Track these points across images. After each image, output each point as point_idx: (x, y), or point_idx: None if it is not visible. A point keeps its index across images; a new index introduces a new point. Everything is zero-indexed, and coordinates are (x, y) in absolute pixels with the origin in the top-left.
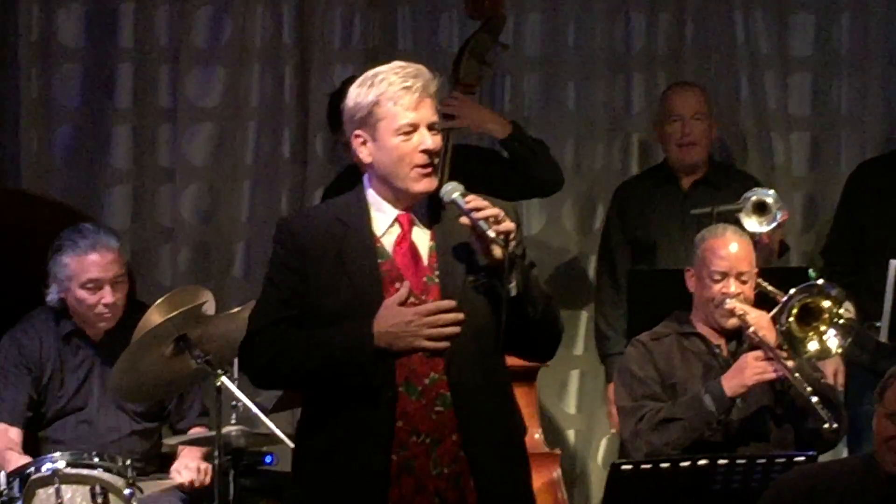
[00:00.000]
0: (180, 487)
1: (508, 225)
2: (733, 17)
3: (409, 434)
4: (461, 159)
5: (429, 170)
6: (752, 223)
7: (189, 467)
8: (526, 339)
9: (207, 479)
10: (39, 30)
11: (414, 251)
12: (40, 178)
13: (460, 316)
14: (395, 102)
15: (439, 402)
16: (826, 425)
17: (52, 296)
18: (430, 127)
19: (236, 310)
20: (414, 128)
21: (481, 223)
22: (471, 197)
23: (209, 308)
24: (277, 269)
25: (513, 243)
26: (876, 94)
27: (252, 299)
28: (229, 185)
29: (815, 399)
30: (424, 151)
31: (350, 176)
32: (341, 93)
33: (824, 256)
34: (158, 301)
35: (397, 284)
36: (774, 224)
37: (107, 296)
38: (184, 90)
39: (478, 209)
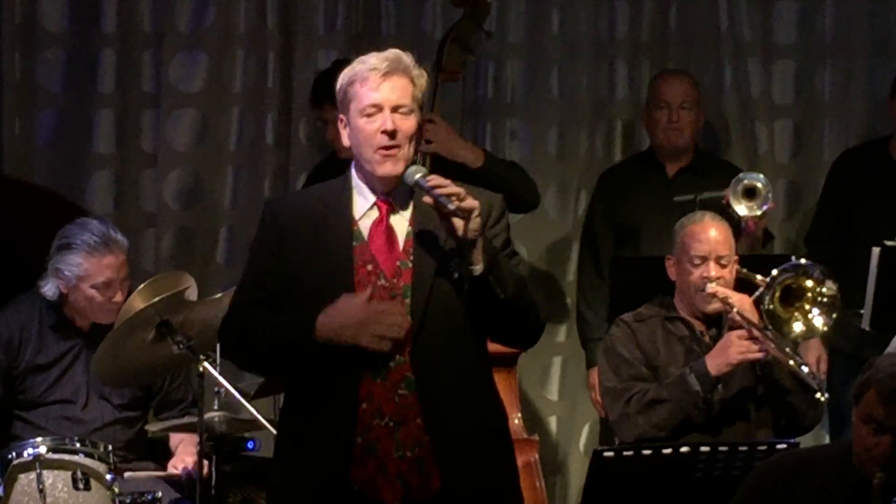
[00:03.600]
0: (177, 479)
1: (470, 203)
2: (717, 4)
3: (372, 416)
4: (439, 168)
5: (391, 151)
6: (742, 208)
7: (186, 461)
8: (498, 322)
9: (205, 472)
10: (22, 14)
11: (390, 235)
12: (23, 163)
13: (406, 321)
14: (363, 84)
15: (403, 384)
16: (818, 394)
17: (52, 290)
18: (396, 109)
19: (219, 295)
20: (377, 108)
21: (441, 198)
22: (432, 176)
23: (192, 294)
24: (257, 249)
25: (476, 220)
26: (859, 82)
27: (234, 285)
28: (212, 171)
29: (805, 369)
30: (384, 132)
31: (333, 161)
32: (331, 71)
33: (808, 244)
34: (141, 286)
35: (369, 267)
36: (765, 208)
37: (117, 295)
38: (167, 75)
39: (439, 186)
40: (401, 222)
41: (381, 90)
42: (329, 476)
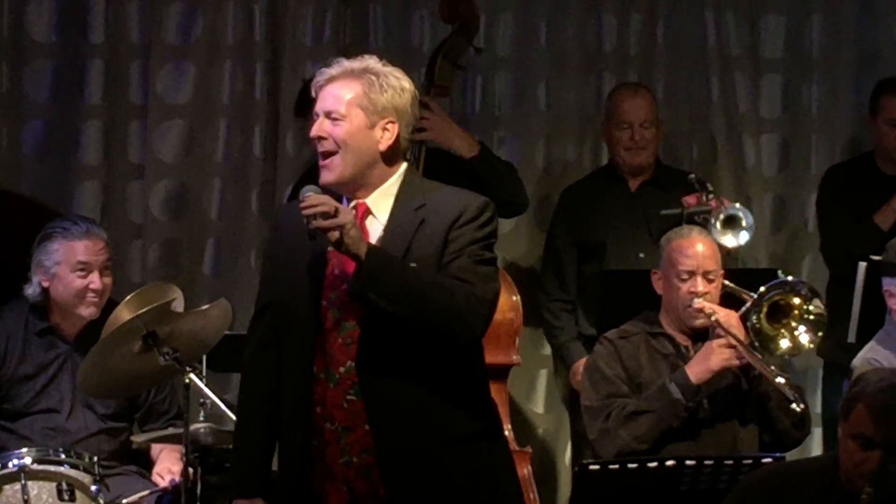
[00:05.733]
0: (163, 491)
1: (337, 220)
2: (704, 18)
3: (325, 420)
4: (431, 162)
5: (325, 161)
6: (729, 238)
7: (171, 471)
8: (417, 327)
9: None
10: (9, 24)
11: None
12: (10, 174)
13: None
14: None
15: (353, 390)
16: (794, 405)
17: (34, 288)
18: (328, 115)
19: (205, 307)
20: (317, 116)
21: (308, 218)
22: (310, 196)
23: (178, 305)
24: (263, 258)
25: (351, 234)
26: (846, 97)
27: (222, 296)
28: (199, 182)
29: (780, 380)
30: (312, 138)
31: (316, 170)
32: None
33: (826, 259)
34: (127, 298)
35: (336, 271)
36: (750, 235)
37: (95, 281)
38: (155, 87)
39: (309, 206)
40: (376, 226)
41: (319, 98)
42: (289, 481)
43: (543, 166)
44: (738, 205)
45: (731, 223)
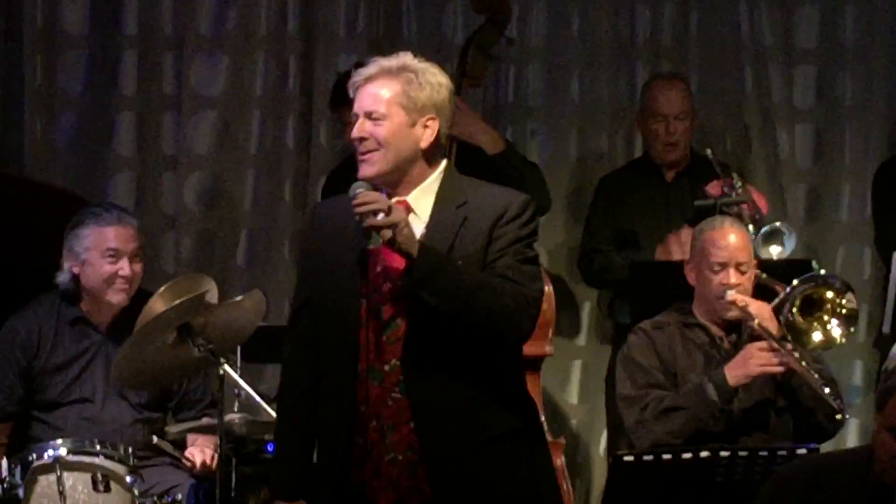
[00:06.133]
0: (192, 468)
1: (391, 219)
2: (738, 9)
3: (370, 419)
4: (461, 157)
5: (365, 156)
6: (772, 249)
7: (204, 451)
8: (465, 326)
9: (214, 464)
10: (43, 17)
11: None
12: (44, 166)
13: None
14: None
15: (398, 388)
16: (838, 416)
17: (65, 275)
18: (368, 115)
19: (239, 298)
20: (356, 117)
21: (361, 216)
22: (362, 193)
23: (212, 296)
24: (300, 255)
25: (404, 232)
26: (880, 87)
27: (255, 287)
28: (233, 174)
29: (827, 390)
30: (354, 139)
31: (352, 163)
32: (350, 74)
33: (877, 245)
34: (161, 289)
35: (378, 268)
36: (793, 246)
37: (125, 267)
38: (188, 78)
39: (361, 203)
40: (417, 224)
41: (357, 98)
42: (329, 477)
43: (576, 157)
44: (779, 223)
45: (773, 237)
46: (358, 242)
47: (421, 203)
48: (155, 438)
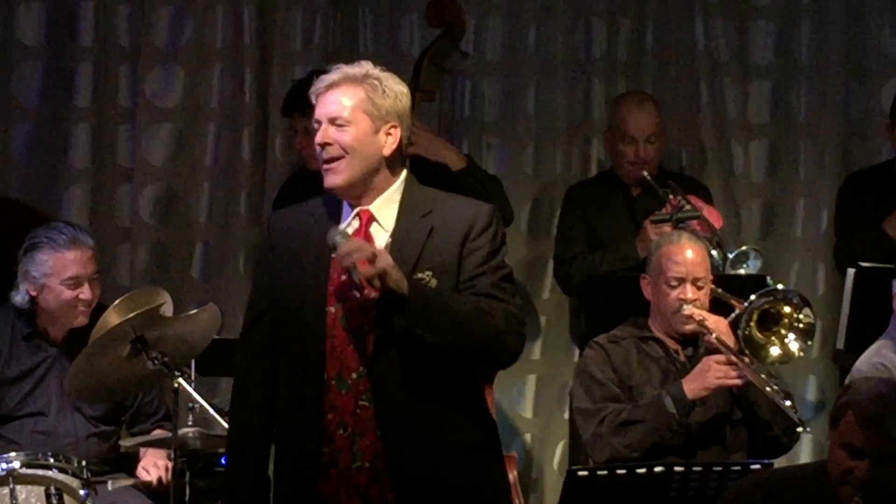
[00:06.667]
0: (147, 485)
1: (380, 267)
2: (693, 24)
3: (337, 427)
4: (420, 169)
5: (330, 165)
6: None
7: (157, 465)
8: (457, 355)
9: (169, 477)
10: None
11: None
12: None
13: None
14: (314, 98)
15: (364, 397)
16: (799, 428)
17: (22, 296)
18: (332, 121)
19: (194, 311)
20: (319, 123)
21: (351, 269)
22: (344, 243)
23: (167, 309)
24: (255, 266)
25: (394, 275)
26: (835, 103)
27: (210, 301)
28: (188, 186)
29: (788, 403)
30: (318, 145)
31: (303, 172)
32: (304, 81)
33: (836, 259)
34: (116, 302)
35: (344, 277)
36: (757, 267)
37: (85, 292)
38: (144, 90)
39: (347, 254)
40: (381, 235)
41: (320, 105)
42: (296, 487)
43: (532, 172)
44: (746, 247)
45: (739, 260)
46: (321, 251)
47: (384, 212)
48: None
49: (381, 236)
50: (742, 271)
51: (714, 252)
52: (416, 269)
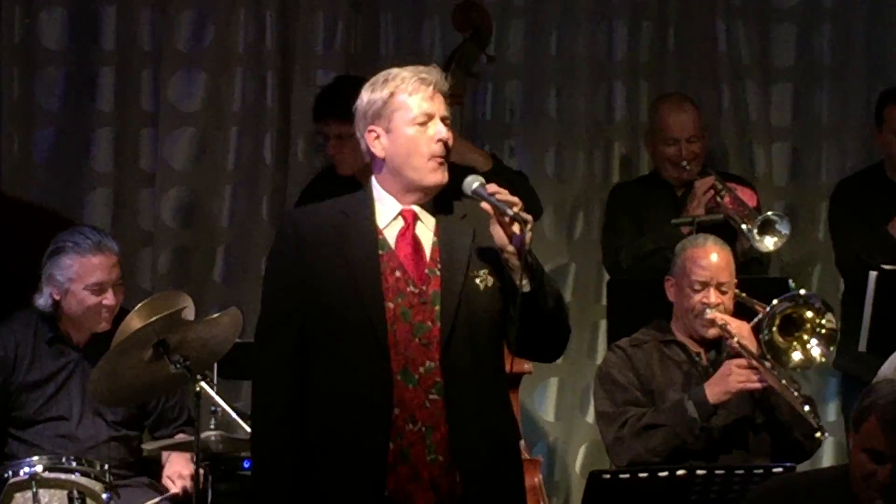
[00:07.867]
0: (174, 497)
1: (527, 216)
2: (715, 27)
3: (405, 422)
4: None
5: (443, 161)
6: (768, 241)
7: (182, 476)
8: (539, 335)
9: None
10: (21, 32)
11: (416, 244)
12: (21, 181)
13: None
14: (411, 94)
15: (434, 390)
16: (818, 434)
17: (45, 300)
18: (444, 120)
19: (216, 315)
20: (429, 118)
21: (501, 204)
22: (491, 185)
23: (189, 313)
24: (277, 263)
25: (529, 233)
26: (856, 105)
27: (232, 304)
28: (210, 190)
29: (807, 408)
30: (440, 141)
31: (330, 176)
32: (334, 87)
33: (838, 264)
34: (138, 306)
35: (398, 273)
36: (788, 229)
37: (109, 298)
38: (166, 94)
39: (498, 192)
40: (426, 232)
41: (434, 101)
42: (363, 485)
43: (554, 174)
44: (770, 212)
45: (767, 228)
46: (370, 247)
47: (423, 213)
48: (144, 451)
49: (427, 236)
50: (773, 240)
51: (744, 226)
52: (468, 269)
